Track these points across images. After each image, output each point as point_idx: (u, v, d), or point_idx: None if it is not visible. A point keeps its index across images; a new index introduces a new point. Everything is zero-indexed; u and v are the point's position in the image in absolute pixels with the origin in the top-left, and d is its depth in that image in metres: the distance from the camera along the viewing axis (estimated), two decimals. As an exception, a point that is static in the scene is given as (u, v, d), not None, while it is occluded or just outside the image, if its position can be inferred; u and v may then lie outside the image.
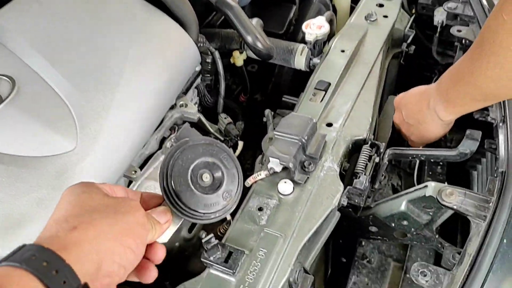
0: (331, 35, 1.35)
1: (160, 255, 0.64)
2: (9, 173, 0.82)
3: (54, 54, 0.96)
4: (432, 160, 1.05)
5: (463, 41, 1.30)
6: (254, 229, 0.93)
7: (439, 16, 1.41)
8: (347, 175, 1.11)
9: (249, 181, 1.05)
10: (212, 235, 0.84)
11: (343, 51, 1.28)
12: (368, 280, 1.76)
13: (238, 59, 1.41)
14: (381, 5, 1.45)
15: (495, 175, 0.94)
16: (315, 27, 1.30)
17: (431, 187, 0.95)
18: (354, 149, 1.12)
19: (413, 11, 1.59)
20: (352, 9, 1.71)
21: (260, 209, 0.97)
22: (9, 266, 0.45)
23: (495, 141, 1.17)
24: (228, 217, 1.21)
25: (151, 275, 0.62)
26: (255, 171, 1.09)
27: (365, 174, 1.02)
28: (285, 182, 0.99)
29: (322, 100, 1.17)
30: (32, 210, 0.81)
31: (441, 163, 1.60)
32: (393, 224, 1.10)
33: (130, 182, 1.08)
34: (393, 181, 2.00)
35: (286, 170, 1.02)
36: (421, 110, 1.11)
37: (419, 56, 1.52)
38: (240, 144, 1.34)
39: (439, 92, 1.05)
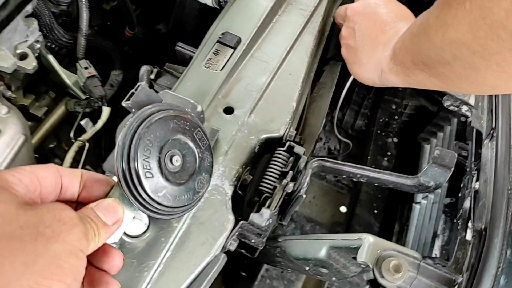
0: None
1: (117, 263, 0.47)
2: None
3: None
4: (375, 183, 0.69)
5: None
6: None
7: None
8: (249, 191, 0.72)
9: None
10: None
11: (269, -15, 0.82)
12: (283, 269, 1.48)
13: (113, -25, 0.92)
14: None
15: (471, 235, 0.59)
16: None
17: (367, 246, 0.58)
18: (264, 150, 0.73)
19: None
20: None
21: (86, 260, 0.57)
22: None
23: (467, 145, 0.83)
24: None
25: None
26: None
27: (268, 207, 0.63)
28: (133, 217, 0.59)
29: (224, 66, 0.74)
30: None
31: (395, 122, 1.26)
32: (307, 268, 0.75)
33: None
34: (330, 144, 1.67)
35: (141, 191, 0.61)
36: (377, 40, 0.75)
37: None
38: (106, 111, 0.90)
39: (401, 37, 0.69)
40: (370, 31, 0.76)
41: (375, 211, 1.00)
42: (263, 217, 0.63)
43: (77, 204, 0.47)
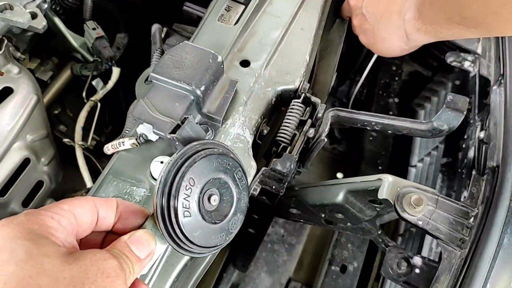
0: None
1: None
2: None
3: None
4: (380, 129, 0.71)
5: None
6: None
7: None
8: (265, 143, 0.74)
9: (107, 149, 0.65)
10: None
11: None
12: (284, 232, 1.53)
13: None
14: None
15: (483, 171, 0.62)
16: None
17: (387, 184, 0.61)
18: (280, 103, 0.74)
19: None
20: None
21: (118, 204, 0.59)
22: None
23: (471, 98, 0.86)
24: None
25: None
26: (125, 128, 0.69)
27: (290, 152, 0.66)
28: (161, 162, 0.61)
29: (238, 21, 0.75)
30: None
31: (396, 82, 1.27)
32: (322, 215, 0.78)
33: None
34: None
35: (167, 139, 0.62)
36: (389, 11, 0.79)
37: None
38: (116, 71, 0.90)
39: None
40: (379, 7, 0.81)
41: (380, 168, 1.03)
42: (285, 163, 0.65)
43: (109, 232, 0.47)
